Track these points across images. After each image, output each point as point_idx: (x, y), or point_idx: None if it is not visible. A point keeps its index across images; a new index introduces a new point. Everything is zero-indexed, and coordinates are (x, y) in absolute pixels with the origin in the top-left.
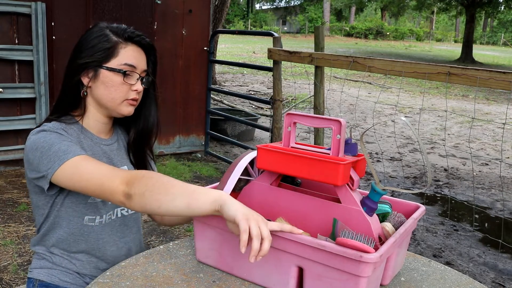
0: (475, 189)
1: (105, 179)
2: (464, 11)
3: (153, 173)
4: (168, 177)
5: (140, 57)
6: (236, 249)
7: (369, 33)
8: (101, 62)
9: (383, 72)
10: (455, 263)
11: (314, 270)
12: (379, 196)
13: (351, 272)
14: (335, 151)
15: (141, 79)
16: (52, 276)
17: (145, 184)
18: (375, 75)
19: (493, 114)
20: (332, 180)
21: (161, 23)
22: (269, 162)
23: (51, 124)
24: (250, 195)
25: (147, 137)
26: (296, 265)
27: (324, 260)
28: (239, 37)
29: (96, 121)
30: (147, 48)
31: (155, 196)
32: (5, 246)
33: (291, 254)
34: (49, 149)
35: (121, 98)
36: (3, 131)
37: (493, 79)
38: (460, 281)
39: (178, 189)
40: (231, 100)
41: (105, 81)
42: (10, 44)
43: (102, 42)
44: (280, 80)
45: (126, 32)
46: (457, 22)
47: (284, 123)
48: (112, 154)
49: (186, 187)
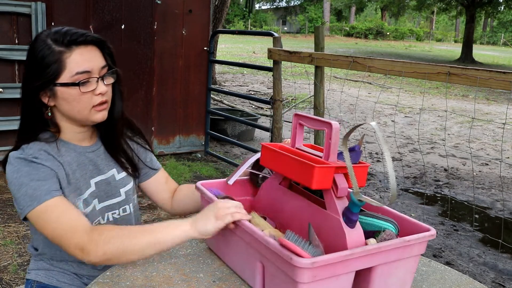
0: (475, 189)
1: (64, 239)
2: (464, 11)
3: (107, 229)
4: (121, 229)
5: (92, 57)
6: (226, 239)
7: (369, 33)
8: (53, 80)
9: (383, 72)
10: (455, 263)
11: (270, 268)
12: (357, 208)
13: (290, 276)
14: (326, 154)
15: (102, 78)
16: (50, 277)
17: (107, 246)
18: (375, 75)
19: (493, 114)
20: (307, 183)
21: (161, 23)
22: (268, 160)
23: (30, 146)
24: (263, 191)
25: (116, 128)
26: (259, 261)
27: (272, 259)
28: (239, 37)
29: (74, 132)
30: (97, 43)
31: (122, 255)
32: (5, 246)
33: (255, 250)
34: (18, 190)
35: (87, 108)
36: (3, 131)
37: (493, 79)
38: (460, 281)
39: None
40: (231, 100)
41: (64, 97)
42: (10, 44)
43: (47, 57)
44: (280, 80)
45: (67, 36)
46: (457, 22)
47: (293, 124)
48: (99, 160)
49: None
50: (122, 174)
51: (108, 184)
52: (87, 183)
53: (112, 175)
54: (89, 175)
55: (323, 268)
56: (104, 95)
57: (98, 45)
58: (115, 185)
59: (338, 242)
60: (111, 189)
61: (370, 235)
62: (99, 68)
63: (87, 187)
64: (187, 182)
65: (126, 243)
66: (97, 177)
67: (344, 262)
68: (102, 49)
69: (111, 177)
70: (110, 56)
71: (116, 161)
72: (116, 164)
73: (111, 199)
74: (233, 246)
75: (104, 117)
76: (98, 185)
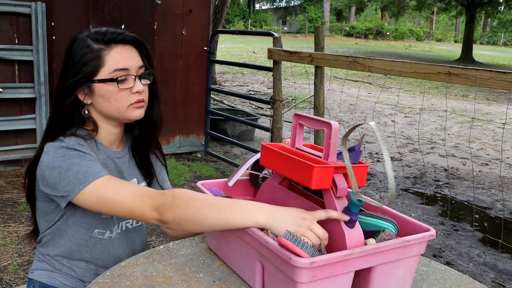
0: (475, 189)
1: (133, 207)
2: (464, 11)
3: (183, 193)
4: (198, 196)
5: (130, 56)
6: (227, 240)
7: (369, 33)
8: (91, 77)
9: (383, 72)
10: (455, 263)
11: (269, 268)
12: (357, 207)
13: (289, 275)
14: (326, 154)
15: (139, 77)
16: (52, 278)
17: (178, 211)
18: (375, 75)
19: (493, 114)
20: (307, 183)
21: (161, 23)
22: (268, 160)
23: (69, 139)
24: (263, 191)
25: (151, 134)
26: (259, 261)
27: (272, 259)
28: (239, 37)
29: (109, 134)
30: (135, 43)
31: (190, 224)
32: (5, 246)
33: (255, 250)
34: (68, 170)
35: (125, 106)
36: (3, 131)
37: (493, 79)
38: (460, 281)
39: (212, 209)
40: (231, 100)
41: (102, 94)
42: (10, 44)
43: (86, 55)
44: (280, 80)
45: (106, 35)
46: (457, 22)
47: (292, 124)
48: (124, 167)
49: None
50: (142, 184)
51: None
52: None
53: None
54: None
55: (322, 268)
56: (141, 94)
57: (136, 45)
58: None
59: (337, 242)
60: None
61: (369, 235)
62: (136, 67)
63: None
64: (187, 182)
65: (199, 214)
66: None
67: (343, 262)
68: (140, 50)
69: None
70: (147, 57)
71: (139, 170)
72: (138, 173)
73: None
74: (233, 246)
75: (141, 115)
76: None
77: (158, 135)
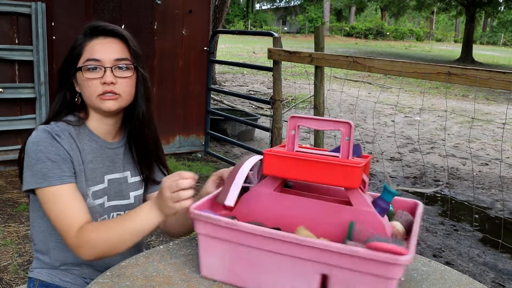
0: (475, 189)
1: (61, 230)
2: (464, 11)
3: (98, 228)
4: (110, 225)
5: (106, 48)
6: (251, 262)
7: (369, 33)
8: (73, 65)
9: (383, 72)
10: (455, 263)
11: (341, 276)
12: (392, 197)
13: (383, 276)
14: (345, 153)
15: (111, 69)
16: (52, 276)
17: (93, 251)
18: (375, 75)
19: (493, 114)
20: (349, 184)
21: (161, 23)
22: (277, 168)
23: (58, 124)
24: (250, 202)
25: (142, 131)
26: (321, 273)
27: (353, 266)
28: (239, 37)
29: (101, 122)
30: (121, 37)
31: (103, 246)
32: (5, 246)
33: (315, 262)
34: (34, 164)
35: (94, 95)
36: (3, 131)
37: (493, 79)
38: (460, 281)
39: (117, 224)
40: (231, 100)
41: (80, 82)
42: (10, 44)
43: (73, 45)
44: (280, 80)
45: (89, 27)
46: (457, 22)
47: (288, 127)
48: (116, 158)
49: (121, 222)
50: (136, 178)
51: (120, 185)
52: (101, 178)
53: (125, 176)
54: (104, 170)
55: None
56: (110, 85)
57: (123, 40)
58: (126, 187)
59: (376, 230)
60: (121, 190)
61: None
62: (111, 59)
63: (100, 182)
64: None
65: (113, 242)
66: (111, 174)
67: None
68: (128, 44)
69: (124, 178)
70: (134, 52)
71: (135, 163)
72: (133, 167)
73: (120, 200)
74: (267, 266)
75: (110, 107)
76: (110, 182)
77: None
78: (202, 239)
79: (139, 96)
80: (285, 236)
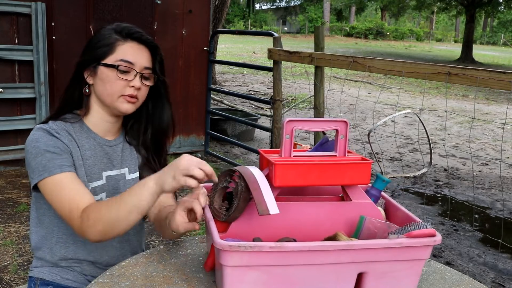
0: (475, 189)
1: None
2: (464, 11)
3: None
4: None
5: (139, 54)
6: (291, 281)
7: (369, 33)
8: (99, 59)
9: (383, 72)
10: (455, 263)
11: (379, 269)
12: (384, 185)
13: (419, 258)
14: (342, 151)
15: (141, 75)
16: (53, 274)
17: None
18: (375, 75)
19: (493, 114)
20: (362, 180)
21: (161, 23)
22: (290, 178)
23: (56, 123)
24: (252, 215)
25: (163, 136)
26: (359, 271)
27: (392, 257)
28: (239, 37)
29: (102, 120)
30: (150, 46)
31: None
32: (5, 246)
33: (355, 263)
34: (33, 158)
35: (117, 94)
36: (3, 131)
37: (493, 79)
38: (460, 281)
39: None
40: (231, 100)
41: (102, 77)
42: (10, 44)
43: (103, 41)
44: (280, 80)
45: (125, 29)
46: (457, 22)
47: (284, 131)
48: (114, 155)
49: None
50: (134, 175)
51: (118, 181)
52: (99, 174)
53: (123, 173)
54: (102, 167)
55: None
56: (136, 90)
57: (151, 49)
58: (123, 184)
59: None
60: (119, 187)
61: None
62: (142, 66)
63: (98, 178)
64: None
65: (112, 220)
66: (109, 171)
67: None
68: (154, 55)
69: (121, 175)
70: (159, 63)
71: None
72: (132, 164)
73: None
74: (310, 282)
75: (127, 110)
76: (108, 179)
77: (168, 139)
78: (229, 273)
79: (165, 102)
80: (337, 246)
